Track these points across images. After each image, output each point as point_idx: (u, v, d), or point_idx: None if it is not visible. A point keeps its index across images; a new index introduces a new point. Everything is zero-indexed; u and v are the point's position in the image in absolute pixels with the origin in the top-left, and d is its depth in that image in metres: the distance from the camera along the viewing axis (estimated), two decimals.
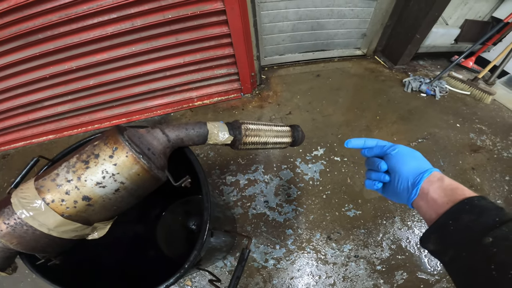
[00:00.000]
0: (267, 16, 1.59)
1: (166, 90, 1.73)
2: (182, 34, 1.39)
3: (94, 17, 1.18)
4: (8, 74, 1.32)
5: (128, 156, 0.57)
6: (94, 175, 0.56)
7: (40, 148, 1.92)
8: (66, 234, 0.59)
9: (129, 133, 0.62)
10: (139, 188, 0.62)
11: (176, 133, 0.69)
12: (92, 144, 0.59)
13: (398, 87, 2.04)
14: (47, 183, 0.57)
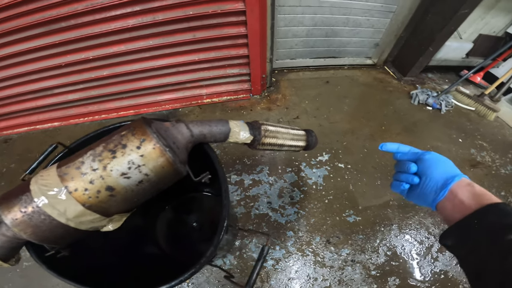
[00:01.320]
0: (283, 20, 1.61)
1: (176, 85, 1.73)
2: (200, 31, 1.39)
3: (118, 9, 1.18)
4: (24, 60, 1.32)
5: (155, 148, 0.57)
6: (120, 165, 0.55)
7: (44, 135, 1.90)
8: (83, 225, 0.59)
9: (156, 125, 0.62)
10: (161, 181, 0.62)
11: (200, 129, 0.69)
12: (119, 134, 0.58)
13: (405, 98, 2.06)
14: (71, 171, 0.55)
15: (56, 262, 0.67)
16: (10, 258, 0.64)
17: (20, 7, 1.11)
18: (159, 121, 0.65)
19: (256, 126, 0.78)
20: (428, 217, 1.42)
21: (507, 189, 1.58)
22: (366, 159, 1.64)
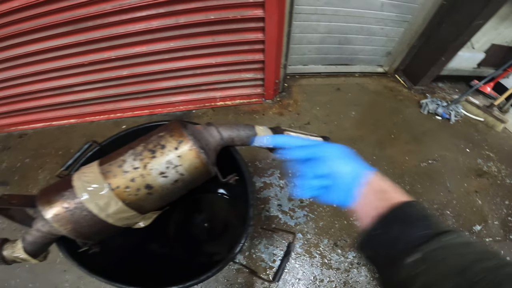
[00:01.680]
0: (298, 26, 1.64)
1: (192, 87, 1.76)
2: (219, 36, 1.42)
3: (144, 10, 1.21)
4: (48, 58, 1.35)
5: (191, 150, 0.59)
6: (159, 165, 0.58)
7: (59, 131, 1.94)
8: (120, 221, 0.61)
9: (191, 128, 0.65)
10: (193, 181, 0.64)
11: (229, 133, 0.72)
12: (157, 134, 0.61)
13: (415, 107, 2.08)
14: (114, 169, 0.58)
15: (85, 259, 0.70)
16: (39, 254, 0.66)
17: (51, 4, 1.15)
18: (192, 124, 0.68)
19: (278, 131, 0.80)
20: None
21: (511, 198, 1.60)
22: (375, 165, 1.62)
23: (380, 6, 1.63)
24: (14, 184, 1.74)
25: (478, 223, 1.45)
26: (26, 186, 1.71)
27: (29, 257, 0.64)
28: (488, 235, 1.42)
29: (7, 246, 0.64)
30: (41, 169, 1.78)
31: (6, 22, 1.19)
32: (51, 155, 1.83)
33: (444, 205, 1.49)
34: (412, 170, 1.64)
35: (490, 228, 1.44)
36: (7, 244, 0.64)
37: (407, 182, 1.58)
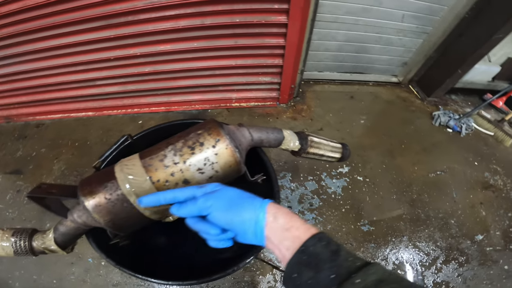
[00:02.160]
0: (317, 33, 1.66)
1: (209, 87, 1.79)
2: (242, 39, 1.45)
3: (173, 9, 1.25)
4: (77, 51, 1.39)
5: (227, 149, 0.62)
6: (198, 161, 0.60)
7: (77, 123, 1.97)
8: (155, 215, 0.62)
9: (227, 128, 0.67)
10: (225, 178, 0.66)
11: (259, 135, 0.74)
12: (196, 132, 0.63)
13: (426, 119, 2.09)
14: (155, 163, 0.59)
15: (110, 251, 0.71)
16: (68, 246, 0.68)
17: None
18: (226, 125, 0.70)
19: (303, 136, 0.83)
20: (438, 231, 1.46)
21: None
22: (384, 174, 1.68)
23: (401, 17, 1.65)
24: (28, 173, 1.77)
25: (481, 232, 1.47)
26: (40, 176, 1.74)
27: (58, 248, 0.65)
28: (489, 244, 1.44)
29: (37, 237, 0.65)
30: (57, 160, 1.81)
31: (43, 14, 1.23)
32: (68, 146, 1.87)
33: (449, 214, 1.51)
34: (420, 180, 1.66)
35: (491, 238, 1.46)
36: (37, 235, 0.66)
37: (415, 191, 1.60)
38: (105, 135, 1.87)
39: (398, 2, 1.57)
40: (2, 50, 1.42)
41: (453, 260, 1.37)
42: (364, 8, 1.58)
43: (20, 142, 1.96)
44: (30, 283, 1.36)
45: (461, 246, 1.42)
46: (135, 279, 1.33)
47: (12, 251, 0.64)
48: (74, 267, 1.38)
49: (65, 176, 1.73)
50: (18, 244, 0.64)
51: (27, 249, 0.64)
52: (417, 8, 1.61)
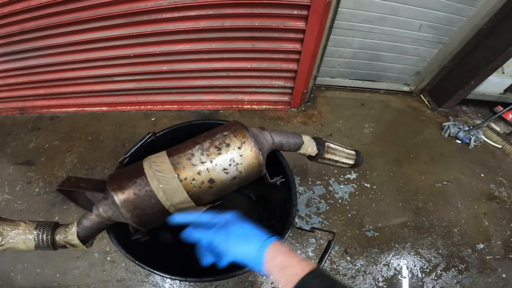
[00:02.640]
0: (332, 40, 1.67)
1: (223, 88, 1.81)
2: (259, 42, 1.46)
3: (195, 10, 1.27)
4: (98, 47, 1.42)
5: (252, 151, 0.63)
6: (224, 161, 0.61)
7: (91, 117, 2.00)
8: (178, 211, 0.63)
9: (251, 130, 0.69)
10: (247, 179, 0.67)
11: (280, 138, 0.76)
12: (222, 133, 0.65)
13: (436, 129, 2.09)
14: (183, 161, 0.61)
15: (135, 246, 0.72)
16: (88, 241, 0.69)
17: None
18: (250, 128, 0.72)
19: (321, 142, 0.84)
20: (440, 239, 1.48)
21: None
22: (392, 182, 1.69)
23: (418, 27, 1.65)
24: (39, 165, 1.79)
25: (482, 242, 1.48)
26: (52, 168, 1.76)
27: (80, 242, 0.66)
28: (489, 253, 1.45)
29: (60, 231, 0.66)
30: (69, 153, 1.83)
31: (68, 9, 1.26)
32: (81, 139, 1.89)
33: (453, 223, 1.53)
34: (427, 189, 1.67)
35: (492, 247, 1.47)
36: (59, 228, 0.66)
37: (420, 200, 1.61)
38: (118, 131, 1.89)
39: (416, 11, 1.56)
40: (23, 44, 1.45)
41: (453, 267, 1.39)
42: (381, 17, 1.58)
43: (33, 133, 1.98)
44: (32, 276, 1.37)
45: (462, 254, 1.43)
46: (139, 275, 1.35)
47: (33, 244, 0.64)
48: (79, 261, 1.39)
49: (76, 169, 1.75)
50: (40, 238, 0.64)
51: (49, 243, 0.64)
52: (435, 18, 1.61)
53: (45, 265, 1.38)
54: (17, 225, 0.65)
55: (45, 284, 1.34)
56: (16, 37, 1.40)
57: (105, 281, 1.34)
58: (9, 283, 1.36)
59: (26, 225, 0.65)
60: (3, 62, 1.57)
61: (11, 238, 0.63)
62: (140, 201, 0.58)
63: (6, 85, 1.80)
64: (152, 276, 1.34)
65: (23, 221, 0.66)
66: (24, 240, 0.64)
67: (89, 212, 0.65)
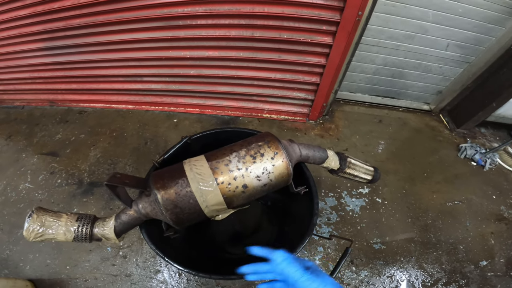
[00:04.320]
0: (356, 55, 1.65)
1: (245, 96, 1.83)
2: (285, 54, 1.49)
3: (228, 18, 1.31)
4: (133, 48, 1.47)
5: (283, 162, 0.66)
6: (257, 169, 0.65)
7: (117, 114, 2.06)
8: (211, 213, 0.66)
9: (283, 143, 0.72)
10: (276, 186, 0.70)
11: (306, 152, 0.78)
12: (257, 143, 0.68)
13: (452, 150, 2.04)
14: (221, 166, 0.64)
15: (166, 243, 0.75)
16: (121, 235, 0.71)
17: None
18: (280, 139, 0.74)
19: (343, 157, 0.87)
20: (445, 255, 1.47)
21: None
22: (403, 199, 1.68)
23: (445, 46, 1.63)
24: (64, 157, 1.85)
25: (486, 259, 1.47)
26: (76, 161, 1.81)
27: (114, 236, 0.69)
28: (491, 270, 1.43)
29: (98, 224, 0.69)
30: (94, 147, 1.89)
31: (113, 9, 1.32)
32: (106, 135, 1.95)
33: (459, 240, 1.52)
34: (437, 207, 1.66)
35: (495, 264, 1.46)
36: (98, 221, 0.69)
37: (430, 217, 1.60)
38: (141, 129, 1.94)
39: (445, 31, 1.55)
40: (66, 40, 1.52)
41: (454, 282, 1.38)
42: (408, 35, 1.58)
43: (61, 126, 2.06)
44: (42, 267, 1.39)
45: (465, 270, 1.42)
46: (148, 272, 1.36)
47: (72, 237, 0.66)
48: (91, 255, 1.41)
49: (99, 164, 1.80)
50: (80, 230, 0.66)
51: (87, 235, 0.67)
52: (464, 37, 1.59)
53: (57, 256, 1.41)
54: (59, 217, 0.67)
55: (53, 276, 1.37)
56: (60, 33, 1.47)
57: (114, 276, 1.36)
58: (16, 273, 1.38)
59: (68, 217, 0.68)
60: (44, 56, 1.65)
61: (52, 230, 0.65)
62: (180, 200, 0.61)
63: (42, 78, 1.88)
64: (161, 273, 1.37)
65: (64, 213, 0.68)
66: (64, 232, 0.65)
67: (128, 208, 0.68)
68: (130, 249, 1.43)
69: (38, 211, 0.66)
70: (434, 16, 1.48)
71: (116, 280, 1.35)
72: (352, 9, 1.20)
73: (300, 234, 0.83)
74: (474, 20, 1.51)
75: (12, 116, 2.20)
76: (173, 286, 1.33)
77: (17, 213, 1.61)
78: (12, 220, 1.58)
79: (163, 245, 0.77)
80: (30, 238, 0.65)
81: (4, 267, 1.41)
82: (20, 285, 1.27)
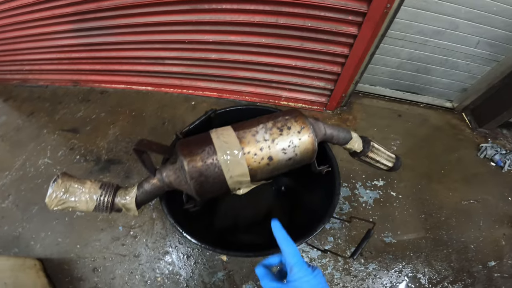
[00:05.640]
0: (380, 48, 1.65)
1: (264, 82, 1.88)
2: (308, 42, 1.51)
3: (253, 4, 1.35)
4: (157, 31, 1.54)
5: (309, 137, 0.69)
6: (283, 142, 0.67)
7: (137, 95, 2.15)
8: (233, 184, 0.67)
9: (309, 119, 0.74)
10: (299, 162, 0.72)
11: (331, 131, 0.80)
12: (284, 117, 0.71)
13: (472, 150, 2.03)
14: (248, 136, 0.66)
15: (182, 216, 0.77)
16: (141, 207, 0.71)
17: None
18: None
19: (367, 140, 0.88)
20: (455, 253, 1.49)
21: None
22: (418, 194, 1.70)
23: (475, 43, 1.62)
24: (83, 133, 1.96)
25: (494, 260, 1.48)
26: (95, 138, 1.92)
27: (135, 207, 0.68)
28: (499, 271, 1.44)
29: (120, 193, 0.68)
30: (113, 125, 1.99)
31: None
32: (125, 114, 2.04)
33: (471, 240, 1.54)
34: (452, 205, 1.67)
35: (502, 265, 1.46)
36: (120, 190, 0.69)
37: (444, 214, 1.62)
38: (160, 110, 2.02)
39: (477, 28, 1.54)
40: (95, 22, 1.61)
41: (460, 281, 1.40)
42: (437, 30, 1.57)
43: (82, 104, 2.16)
44: (52, 246, 1.45)
45: (473, 269, 1.44)
46: (157, 253, 1.41)
47: (94, 205, 0.65)
48: (102, 234, 1.47)
49: (118, 141, 1.90)
50: (102, 199, 0.65)
51: (109, 205, 0.66)
52: (495, 35, 1.57)
53: (69, 235, 1.48)
54: (83, 183, 0.66)
55: (62, 255, 1.43)
56: (90, 15, 1.55)
57: (122, 256, 1.41)
58: (26, 252, 1.43)
59: (91, 184, 0.66)
60: (72, 38, 1.74)
61: (75, 197, 0.64)
62: (206, 168, 0.62)
63: (67, 59, 1.98)
64: (169, 254, 1.41)
65: (88, 180, 0.67)
66: (87, 200, 0.64)
67: (151, 176, 0.69)
68: (141, 229, 1.49)
69: (63, 176, 0.65)
70: (466, 13, 1.47)
71: (124, 260, 1.40)
72: (381, 1, 1.21)
73: (313, 221, 0.86)
74: (508, 19, 1.49)
75: (35, 94, 2.34)
76: (180, 268, 1.38)
77: (34, 188, 1.70)
78: (28, 196, 1.67)
79: (180, 218, 0.78)
80: (52, 206, 0.63)
81: (15, 245, 1.47)
82: (29, 264, 1.30)
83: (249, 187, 0.77)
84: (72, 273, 1.38)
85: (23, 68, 2.23)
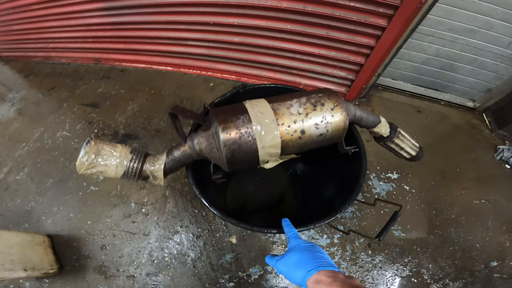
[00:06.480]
0: (408, 42, 1.63)
1: (284, 68, 1.89)
2: (334, 31, 1.52)
3: None
4: (183, 11, 1.55)
5: (342, 115, 0.73)
6: (316, 117, 0.70)
7: (156, 74, 2.20)
8: (264, 156, 0.69)
9: (342, 98, 0.77)
10: (329, 139, 0.76)
11: (360, 113, 0.83)
12: (317, 94, 0.74)
13: (489, 150, 2.03)
14: (282, 108, 0.69)
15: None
16: (169, 174, 0.72)
17: None
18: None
19: (394, 126, 0.91)
20: (460, 251, 1.52)
21: None
22: (431, 190, 1.73)
23: (507, 44, 1.60)
24: (103, 108, 2.02)
25: (497, 260, 1.51)
26: (114, 113, 1.99)
27: (162, 174, 0.68)
28: (499, 272, 1.48)
29: (149, 159, 0.70)
30: (132, 101, 2.04)
31: None
32: (144, 92, 2.09)
33: (477, 239, 1.57)
34: (464, 203, 1.70)
35: (504, 266, 1.50)
36: (149, 157, 0.71)
37: (455, 212, 1.65)
38: (178, 89, 2.07)
39: (510, 29, 1.52)
40: (121, 1, 1.62)
41: (461, 279, 1.44)
42: (470, 29, 1.56)
43: (103, 81, 2.23)
44: (63, 222, 1.47)
45: (475, 268, 1.48)
46: (167, 232, 1.44)
47: (123, 171, 0.64)
48: (114, 210, 1.51)
49: (135, 117, 1.96)
50: (131, 165, 0.65)
51: (137, 171, 0.66)
52: None
53: (81, 210, 1.51)
54: (115, 147, 0.65)
55: (72, 231, 1.46)
56: None
57: (132, 234, 1.45)
58: (36, 227, 1.45)
59: (122, 148, 0.65)
60: (100, 17, 1.78)
61: (105, 161, 0.63)
62: (240, 136, 0.63)
63: (92, 37, 2.03)
64: (179, 234, 1.45)
65: (119, 144, 0.67)
66: (117, 165, 0.63)
67: (181, 143, 0.71)
68: (153, 206, 1.53)
69: (96, 138, 0.65)
70: (503, 13, 1.47)
71: (133, 238, 1.43)
72: None
73: (328, 206, 0.88)
74: None
75: (57, 71, 2.42)
76: (188, 248, 1.42)
77: (50, 161, 1.74)
78: (43, 169, 1.71)
79: (204, 188, 0.80)
80: (82, 169, 0.62)
81: (26, 220, 1.50)
82: (37, 240, 1.30)
83: (277, 161, 0.78)
84: (80, 251, 1.41)
85: (47, 46, 2.28)
